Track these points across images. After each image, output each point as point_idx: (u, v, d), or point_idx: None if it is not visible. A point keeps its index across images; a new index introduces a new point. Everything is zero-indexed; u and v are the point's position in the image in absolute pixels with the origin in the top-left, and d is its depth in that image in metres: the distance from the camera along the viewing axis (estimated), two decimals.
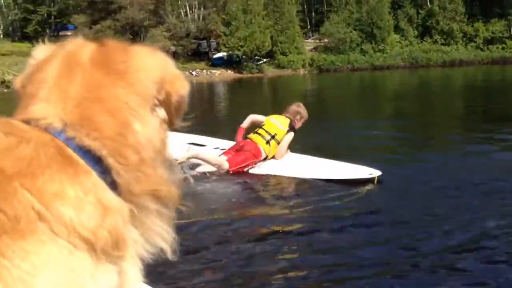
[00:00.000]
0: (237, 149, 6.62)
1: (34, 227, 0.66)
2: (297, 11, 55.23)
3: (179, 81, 0.90)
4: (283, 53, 50.81)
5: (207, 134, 8.17)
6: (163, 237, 0.86)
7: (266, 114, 7.30)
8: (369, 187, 5.87)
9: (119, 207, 0.76)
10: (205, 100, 22.42)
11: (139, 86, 0.83)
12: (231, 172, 6.33)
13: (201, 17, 50.14)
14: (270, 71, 49.13)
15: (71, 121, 0.77)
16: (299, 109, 6.97)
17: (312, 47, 55.50)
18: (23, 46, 44.49)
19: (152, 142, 0.83)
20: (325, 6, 60.14)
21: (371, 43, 53.05)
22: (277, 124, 6.85)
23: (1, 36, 51.58)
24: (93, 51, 0.85)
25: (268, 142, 6.67)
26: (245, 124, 7.20)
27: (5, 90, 32.28)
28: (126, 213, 0.77)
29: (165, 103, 0.88)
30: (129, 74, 0.83)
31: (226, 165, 6.32)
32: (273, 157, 6.80)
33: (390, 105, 18.27)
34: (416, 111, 14.99)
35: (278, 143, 6.70)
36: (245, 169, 6.46)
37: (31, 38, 47.09)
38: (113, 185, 0.78)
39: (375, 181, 5.90)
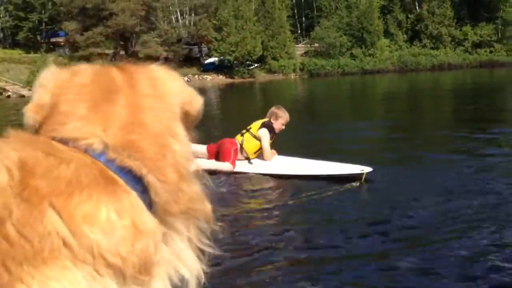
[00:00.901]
0: (217, 151, 6.93)
1: (57, 253, 0.65)
2: (288, 16, 55.61)
3: (196, 98, 0.96)
4: (274, 58, 51.15)
5: (199, 141, 8.33)
6: (187, 265, 0.84)
7: (257, 118, 7.50)
8: (357, 184, 6.11)
9: (154, 230, 0.75)
10: None
11: (173, 108, 0.88)
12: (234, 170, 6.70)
13: (192, 23, 50.38)
14: (262, 76, 49.42)
15: (113, 144, 0.77)
16: (276, 110, 7.18)
17: (302, 51, 55.88)
18: (15, 53, 44.56)
19: (186, 158, 0.85)
20: (315, 11, 60.58)
21: (361, 48, 53.50)
22: (253, 124, 7.17)
23: None
24: (122, 75, 0.88)
25: (242, 134, 7.03)
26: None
27: None
28: (159, 235, 0.76)
29: (184, 118, 0.92)
30: (164, 97, 0.87)
31: (231, 167, 6.72)
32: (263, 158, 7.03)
33: (380, 107, 18.59)
34: (406, 113, 15.30)
35: (254, 136, 6.96)
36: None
37: (22, 45, 47.11)
38: (151, 205, 0.77)
39: (363, 178, 6.11)
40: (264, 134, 6.92)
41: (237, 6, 48.71)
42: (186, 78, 44.61)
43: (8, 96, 32.74)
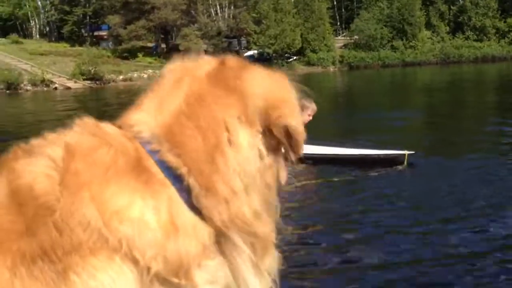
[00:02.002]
0: None
1: (100, 244, 0.66)
2: (327, 8, 55.31)
3: (287, 108, 0.81)
4: (313, 51, 51.01)
5: None
6: (243, 284, 0.77)
7: None
8: (400, 167, 6.29)
9: (195, 229, 0.72)
10: None
11: (244, 107, 0.77)
12: None
13: (231, 16, 50.76)
14: (300, 69, 49.41)
15: (158, 133, 0.74)
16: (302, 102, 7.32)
17: (342, 44, 55.51)
18: (60, 46, 45.90)
19: (247, 168, 0.76)
20: (355, 3, 60.02)
21: (402, 40, 52.75)
22: None
23: (37, 36, 53.20)
24: (213, 66, 0.84)
25: None
26: None
27: (45, 89, 33.48)
28: (205, 236, 0.72)
29: (271, 131, 0.80)
30: (238, 92, 0.78)
31: None
32: None
33: (422, 99, 18.48)
34: (448, 104, 15.20)
35: None
36: None
37: (67, 38, 48.50)
38: (193, 206, 0.73)
39: (406, 160, 6.27)
40: None
41: None
42: None
43: (55, 88, 33.88)
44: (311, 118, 7.06)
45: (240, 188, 0.74)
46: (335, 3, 60.29)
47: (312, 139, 6.66)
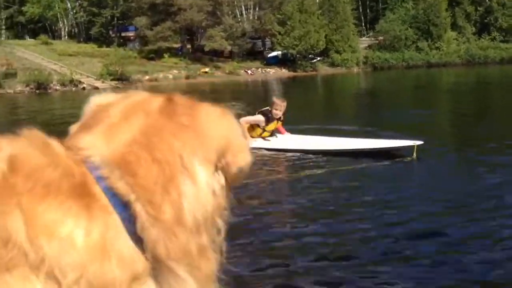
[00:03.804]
0: None
1: (18, 261, 0.63)
2: (352, 9, 55.31)
3: (242, 153, 0.84)
4: (338, 52, 51.05)
5: None
6: None
7: (316, 110, 8.31)
8: (410, 158, 6.53)
9: (130, 258, 0.70)
10: (260, 98, 23.27)
11: (203, 147, 0.78)
12: None
13: (256, 17, 51.15)
14: (324, 70, 49.52)
15: (109, 160, 0.72)
16: (273, 99, 8.74)
17: (366, 45, 55.42)
18: (88, 47, 46.86)
19: (201, 205, 0.76)
20: (380, 4, 59.88)
21: (427, 41, 52.45)
22: None
23: (66, 37, 54.39)
24: (162, 102, 0.82)
25: None
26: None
27: (74, 89, 34.33)
28: (139, 266, 0.70)
29: (223, 170, 0.82)
30: (193, 130, 0.78)
31: None
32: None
33: (445, 99, 18.55)
34: (472, 105, 15.23)
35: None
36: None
37: (95, 39, 49.49)
38: (135, 235, 0.71)
39: (415, 151, 6.50)
40: (256, 116, 8.50)
41: (301, 0, 48.99)
42: (249, 71, 45.47)
43: (84, 88, 34.69)
44: (279, 112, 8.41)
45: (190, 223, 0.74)
46: (360, 4, 60.25)
47: (330, 133, 6.97)
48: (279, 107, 8.49)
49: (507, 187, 5.41)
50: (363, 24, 61.10)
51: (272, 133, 8.62)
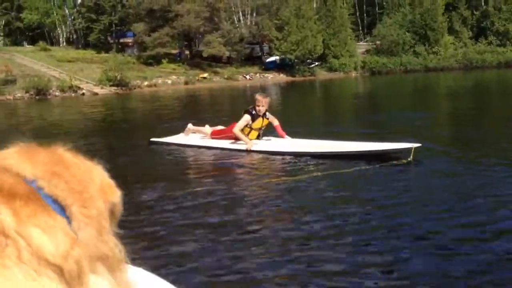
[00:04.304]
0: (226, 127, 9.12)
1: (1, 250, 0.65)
2: (349, 14, 55.59)
3: (113, 189, 0.91)
4: (335, 56, 51.29)
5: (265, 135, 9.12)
6: None
7: (314, 114, 8.34)
8: (406, 160, 6.60)
9: (82, 250, 0.75)
10: None
11: (90, 181, 0.84)
12: (212, 137, 9.01)
13: (253, 23, 51.36)
14: (322, 74, 49.71)
15: (41, 174, 0.77)
16: (255, 96, 8.82)
17: (364, 49, 55.67)
18: (87, 53, 46.98)
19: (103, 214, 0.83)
20: (377, 9, 60.20)
21: (425, 45, 52.72)
22: None
23: (64, 43, 54.49)
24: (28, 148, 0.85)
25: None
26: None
27: (73, 95, 34.42)
28: (85, 261, 0.75)
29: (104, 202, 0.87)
30: (86, 168, 0.86)
31: (208, 132, 9.18)
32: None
33: (443, 103, 18.69)
34: (470, 109, 15.34)
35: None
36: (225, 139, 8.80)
37: (93, 45, 49.60)
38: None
39: (412, 154, 6.57)
40: (243, 117, 8.58)
41: (299, 6, 49.23)
42: (248, 77, 45.63)
43: (83, 94, 34.79)
44: (261, 107, 8.54)
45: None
46: (357, 8, 60.55)
47: (328, 136, 7.07)
48: (261, 103, 8.54)
49: (505, 190, 5.46)
50: (360, 28, 61.39)
51: (260, 131, 8.66)
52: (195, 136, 9.41)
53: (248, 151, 8.09)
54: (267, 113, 8.67)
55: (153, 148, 9.49)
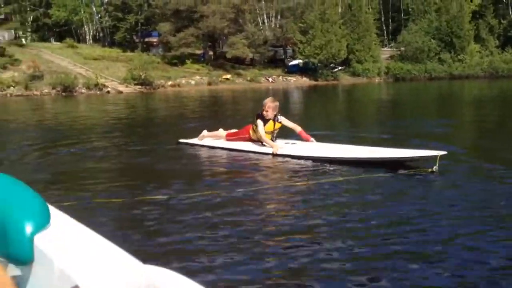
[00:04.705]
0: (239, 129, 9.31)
1: None
2: (374, 20, 55.38)
3: None
4: (359, 61, 51.13)
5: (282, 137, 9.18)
6: None
7: (336, 119, 8.34)
8: (431, 169, 6.56)
9: None
10: (281, 107, 23.46)
11: None
12: (226, 139, 9.23)
13: (278, 26, 51.47)
14: (345, 79, 49.59)
15: None
16: (264, 101, 8.82)
17: (388, 55, 55.39)
18: (112, 51, 47.58)
19: None
20: (402, 15, 59.82)
21: (450, 53, 52.24)
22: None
23: (91, 41, 55.25)
24: None
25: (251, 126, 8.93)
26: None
27: (98, 92, 34.91)
28: None
29: None
30: None
31: (223, 134, 9.39)
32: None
33: (468, 111, 18.53)
34: (495, 117, 15.20)
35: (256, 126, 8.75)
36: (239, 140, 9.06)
37: (119, 44, 50.22)
38: None
39: (437, 161, 6.51)
40: (258, 122, 8.63)
41: (323, 10, 49.21)
42: (270, 79, 45.73)
43: (108, 92, 35.27)
44: (269, 112, 8.60)
45: None
46: (382, 14, 60.26)
47: (349, 141, 7.10)
48: (267, 108, 8.60)
49: None
50: (385, 34, 61.07)
51: (273, 134, 8.73)
52: (215, 140, 9.53)
53: (274, 155, 8.16)
54: (279, 117, 8.73)
55: (179, 148, 9.63)
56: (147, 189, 6.18)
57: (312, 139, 8.61)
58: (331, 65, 49.93)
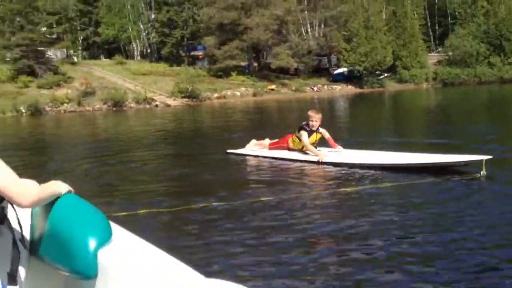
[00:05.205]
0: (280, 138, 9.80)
1: None
2: (420, 25, 54.51)
3: None
4: (405, 67, 50.38)
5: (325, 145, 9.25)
6: None
7: (383, 125, 8.40)
8: (478, 175, 6.45)
9: None
10: (325, 113, 23.43)
11: None
12: (269, 148, 9.67)
13: (321, 34, 51.42)
14: (392, 86, 48.96)
15: None
16: (308, 113, 9.22)
17: (435, 60, 54.35)
18: (160, 66, 48.68)
19: None
20: (449, 19, 58.64)
21: (500, 56, 50.77)
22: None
23: (139, 57, 56.75)
24: None
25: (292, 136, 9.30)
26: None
27: (147, 106, 35.80)
28: None
29: None
30: None
31: (267, 143, 9.80)
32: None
33: None
34: None
35: (297, 137, 9.15)
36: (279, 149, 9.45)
37: (166, 59, 51.37)
38: None
39: (484, 166, 6.42)
40: (302, 134, 9.01)
41: (368, 17, 48.86)
42: (315, 88, 45.69)
43: (156, 105, 36.14)
44: (315, 123, 8.97)
45: None
46: (428, 19, 59.26)
47: (396, 148, 7.12)
48: (314, 119, 8.99)
49: None
50: (432, 39, 59.97)
51: (314, 145, 9.04)
52: (261, 149, 9.85)
53: (320, 163, 8.31)
54: (319, 128, 9.10)
55: (227, 158, 9.88)
56: (197, 199, 6.36)
57: (338, 146, 8.90)
58: (377, 72, 49.40)
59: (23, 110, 32.60)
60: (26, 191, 1.90)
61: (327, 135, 9.11)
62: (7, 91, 32.93)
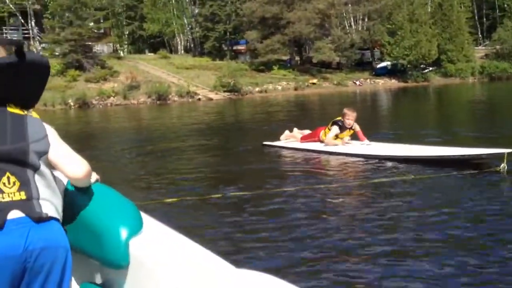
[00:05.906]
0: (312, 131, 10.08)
1: None
2: (467, 18, 53.15)
3: None
4: (451, 61, 49.28)
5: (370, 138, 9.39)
6: None
7: (425, 120, 8.47)
8: (499, 168, 6.35)
9: None
10: (367, 108, 23.31)
11: None
12: (301, 141, 9.93)
13: (365, 28, 50.87)
14: (436, 80, 48.02)
15: None
16: (344, 110, 9.45)
17: (483, 54, 52.92)
18: (203, 60, 49.25)
19: None
20: (497, 12, 56.93)
21: None
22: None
23: (182, 51, 57.55)
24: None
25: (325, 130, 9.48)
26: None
27: (190, 100, 36.38)
28: None
29: None
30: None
31: (298, 137, 10.11)
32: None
33: None
34: None
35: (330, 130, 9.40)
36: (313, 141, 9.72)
37: (208, 53, 51.94)
38: None
39: (505, 159, 6.32)
40: (332, 128, 9.32)
41: (412, 10, 48.01)
42: (358, 82, 45.33)
43: (199, 99, 36.70)
44: (351, 121, 9.25)
45: None
46: (475, 12, 57.72)
47: (435, 141, 7.17)
48: (350, 117, 9.31)
49: None
50: (479, 32, 58.40)
51: (344, 139, 9.37)
52: (295, 142, 10.08)
53: (351, 155, 8.52)
54: (354, 124, 9.41)
55: (265, 150, 10.15)
56: (229, 187, 6.60)
57: (366, 140, 9.18)
58: (421, 66, 48.53)
59: (72, 103, 33.73)
60: (82, 161, 1.98)
61: (357, 128, 9.42)
62: (56, 85, 34.06)
